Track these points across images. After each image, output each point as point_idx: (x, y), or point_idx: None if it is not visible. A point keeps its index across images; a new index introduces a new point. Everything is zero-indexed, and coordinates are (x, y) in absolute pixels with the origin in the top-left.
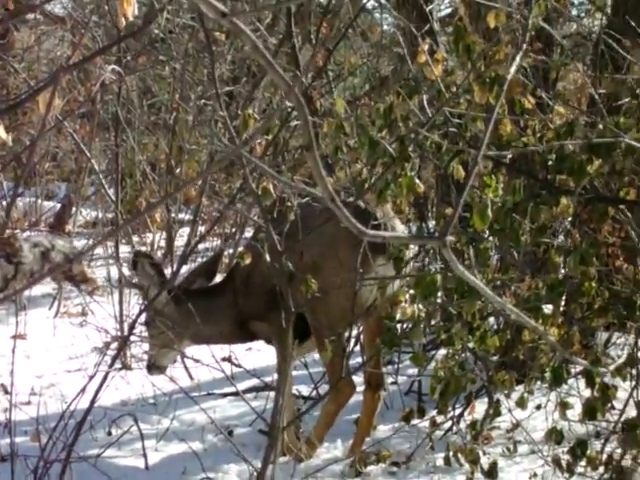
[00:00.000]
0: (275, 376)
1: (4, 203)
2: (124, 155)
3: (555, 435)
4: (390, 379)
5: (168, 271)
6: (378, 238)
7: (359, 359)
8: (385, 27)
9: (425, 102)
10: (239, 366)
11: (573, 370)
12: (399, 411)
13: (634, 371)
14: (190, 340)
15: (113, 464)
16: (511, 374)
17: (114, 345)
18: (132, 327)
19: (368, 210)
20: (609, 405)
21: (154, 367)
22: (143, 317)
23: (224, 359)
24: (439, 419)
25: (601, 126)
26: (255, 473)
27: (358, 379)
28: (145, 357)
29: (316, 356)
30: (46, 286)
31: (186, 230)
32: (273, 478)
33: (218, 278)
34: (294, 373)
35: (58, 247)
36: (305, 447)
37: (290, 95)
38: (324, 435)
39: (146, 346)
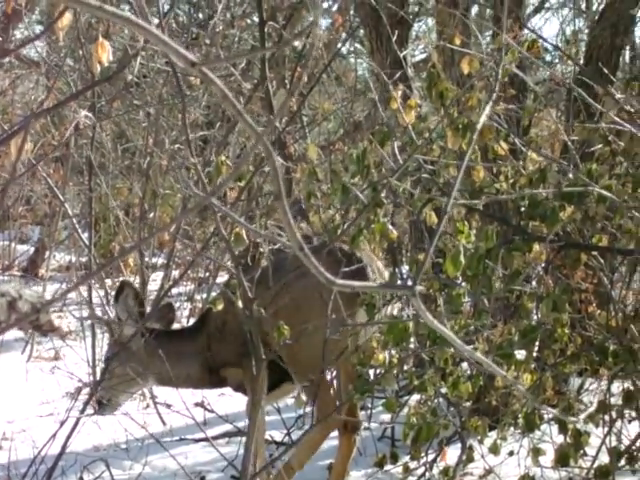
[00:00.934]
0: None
1: None
2: (98, 199)
3: None
4: (363, 425)
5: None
6: (347, 288)
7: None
8: (359, 72)
9: (396, 149)
10: (212, 411)
11: (546, 416)
12: (372, 457)
13: (607, 417)
14: (156, 381)
15: None
16: (484, 420)
17: (86, 390)
18: (104, 371)
19: (353, 253)
20: (582, 452)
21: (108, 405)
22: (105, 352)
23: (197, 404)
24: (412, 465)
25: (572, 174)
26: None
27: None
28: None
29: (289, 401)
30: (18, 331)
31: (159, 274)
32: None
33: (191, 321)
34: (267, 418)
35: (25, 297)
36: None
37: (260, 143)
38: (306, 461)
39: None
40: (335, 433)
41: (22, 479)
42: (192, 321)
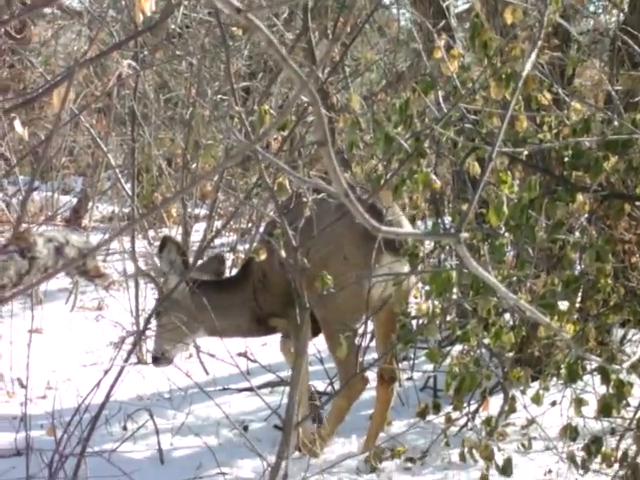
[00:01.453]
0: (290, 371)
1: (20, 197)
2: (140, 150)
3: (570, 432)
4: (405, 375)
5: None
6: (392, 234)
7: (375, 355)
8: (402, 22)
9: (441, 98)
10: (255, 361)
11: (588, 367)
12: (414, 407)
13: None
14: (205, 332)
15: (128, 458)
16: (526, 370)
17: (130, 340)
18: (148, 321)
19: (377, 207)
20: (624, 402)
21: (162, 358)
22: (153, 307)
23: (240, 354)
24: (454, 415)
25: (617, 123)
26: (269, 468)
27: (372, 375)
28: None
29: None
30: (62, 281)
31: (202, 225)
32: (287, 473)
33: (234, 272)
34: (310, 368)
35: (72, 242)
36: (319, 442)
37: (304, 90)
38: (335, 430)
39: None
40: (374, 383)
41: (66, 428)
42: (234, 271)
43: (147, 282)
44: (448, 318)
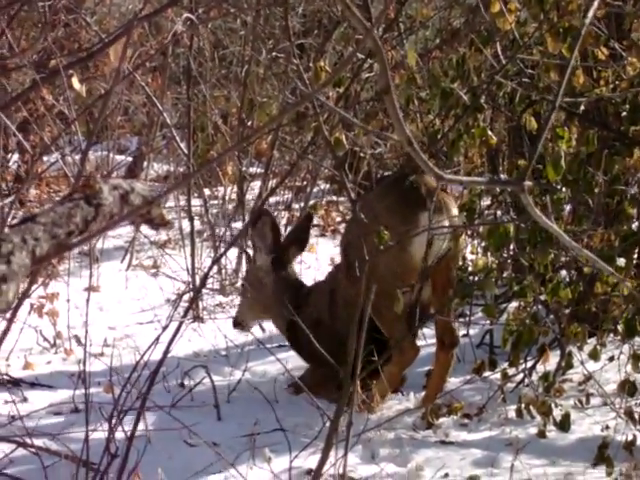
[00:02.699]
0: None
1: (77, 156)
2: (196, 108)
3: (628, 387)
4: (462, 331)
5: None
6: (456, 181)
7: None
8: None
9: (499, 51)
10: None
11: None
12: (471, 363)
13: None
14: (273, 318)
15: (186, 415)
16: (583, 326)
17: (186, 297)
18: (204, 279)
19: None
20: None
21: (240, 324)
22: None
23: None
24: (511, 371)
25: None
26: (328, 423)
27: (430, 332)
28: (217, 309)
29: None
30: (118, 239)
31: (257, 184)
32: (349, 427)
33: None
34: None
35: (137, 190)
36: (375, 398)
37: (368, 38)
38: (386, 395)
39: (219, 298)
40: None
41: (125, 384)
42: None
43: (202, 241)
44: (505, 274)
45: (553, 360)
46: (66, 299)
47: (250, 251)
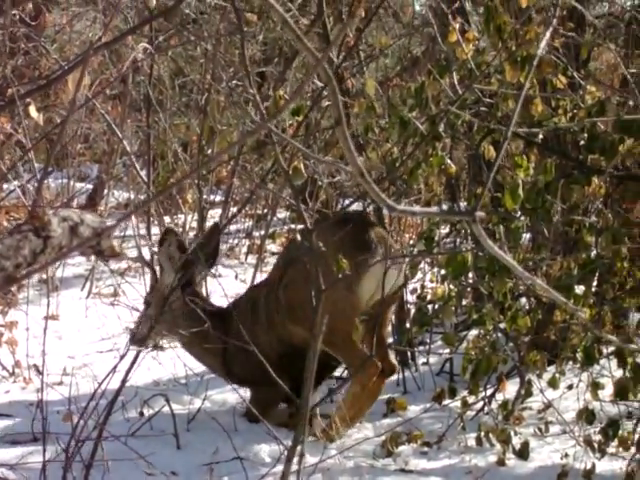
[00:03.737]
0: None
1: (35, 184)
2: (156, 136)
3: (587, 415)
4: (422, 360)
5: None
6: (408, 213)
7: (390, 339)
8: (417, 7)
9: (456, 81)
10: None
11: (605, 350)
12: (430, 391)
13: None
14: (179, 341)
15: (144, 444)
16: (542, 354)
17: None
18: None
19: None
20: None
21: (140, 340)
22: (146, 294)
23: None
24: (470, 399)
25: (632, 105)
26: (285, 452)
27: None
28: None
29: None
30: (78, 267)
31: (218, 211)
32: (303, 456)
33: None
34: None
35: (87, 222)
36: (335, 427)
37: (319, 68)
38: (348, 417)
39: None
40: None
41: (82, 413)
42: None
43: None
44: (464, 302)
45: (512, 388)
46: (25, 328)
47: (157, 269)
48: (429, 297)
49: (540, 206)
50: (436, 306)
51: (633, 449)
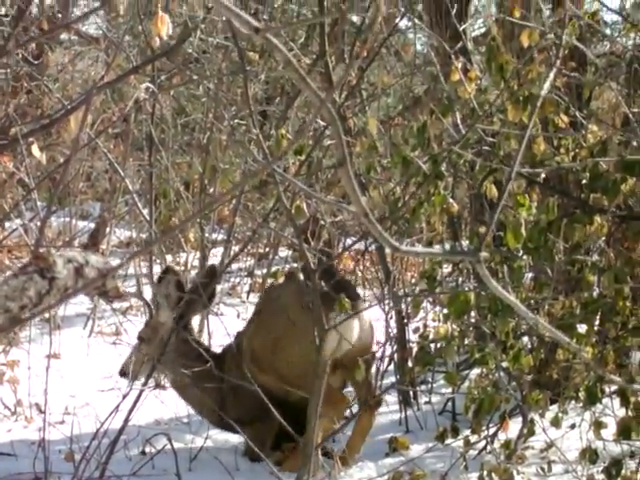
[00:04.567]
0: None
1: (38, 223)
2: (158, 175)
3: (589, 455)
4: (424, 399)
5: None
6: (412, 254)
7: (392, 378)
8: (418, 47)
9: (459, 120)
10: None
11: (607, 389)
12: (433, 431)
13: None
14: (170, 382)
15: None
16: (545, 393)
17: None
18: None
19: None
20: None
21: (127, 374)
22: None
23: None
24: (473, 438)
25: (635, 144)
26: None
27: (392, 398)
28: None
29: None
30: (80, 306)
31: (220, 250)
32: None
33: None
34: None
35: (92, 262)
36: (337, 466)
37: (322, 109)
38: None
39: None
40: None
41: (85, 452)
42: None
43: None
44: (466, 341)
45: (515, 427)
46: (27, 366)
47: (152, 306)
48: (431, 336)
49: (542, 245)
50: (438, 345)
51: None
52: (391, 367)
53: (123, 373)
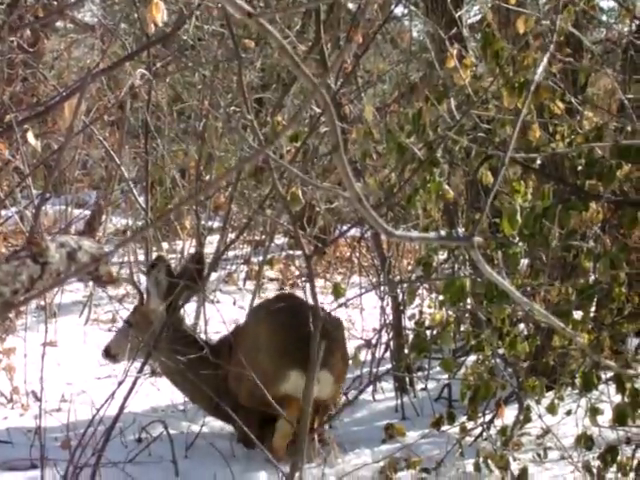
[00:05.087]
0: None
1: (33, 210)
2: (154, 162)
3: (585, 441)
4: (420, 385)
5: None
6: (406, 239)
7: (388, 365)
8: (414, 34)
9: (454, 107)
10: None
11: (603, 376)
12: (429, 417)
13: None
14: (161, 368)
15: (143, 470)
16: (541, 380)
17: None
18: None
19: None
20: (639, 411)
21: (113, 356)
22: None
23: None
24: (469, 425)
25: (630, 130)
26: (284, 478)
27: (388, 385)
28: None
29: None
30: (76, 293)
31: (216, 237)
32: None
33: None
34: None
35: (85, 248)
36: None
37: (316, 94)
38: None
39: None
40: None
41: (81, 440)
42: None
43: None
44: (462, 328)
45: (511, 414)
46: (23, 354)
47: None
48: (427, 323)
49: (538, 232)
50: (434, 332)
51: (632, 475)
52: (387, 354)
53: (107, 354)
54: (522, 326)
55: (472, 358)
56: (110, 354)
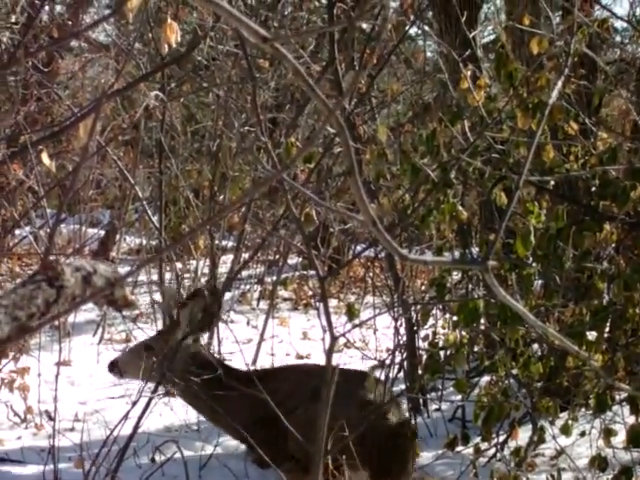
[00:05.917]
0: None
1: (47, 230)
2: (168, 182)
3: (599, 462)
4: (434, 406)
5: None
6: (420, 262)
7: (402, 385)
8: (428, 54)
9: (467, 128)
10: None
11: (617, 397)
12: (443, 438)
13: None
14: (181, 395)
15: None
16: (555, 401)
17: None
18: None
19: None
20: None
21: (119, 371)
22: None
23: None
24: (483, 446)
25: None
26: None
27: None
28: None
29: None
30: (90, 313)
31: (229, 257)
32: None
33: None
34: None
35: (100, 271)
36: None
37: (331, 119)
38: None
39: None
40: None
41: (94, 460)
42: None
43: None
44: (476, 348)
45: (525, 435)
46: (37, 374)
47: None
48: (441, 344)
49: (552, 253)
50: (448, 352)
51: None
52: (401, 374)
53: (112, 368)
54: (536, 347)
55: (486, 379)
56: (115, 369)
